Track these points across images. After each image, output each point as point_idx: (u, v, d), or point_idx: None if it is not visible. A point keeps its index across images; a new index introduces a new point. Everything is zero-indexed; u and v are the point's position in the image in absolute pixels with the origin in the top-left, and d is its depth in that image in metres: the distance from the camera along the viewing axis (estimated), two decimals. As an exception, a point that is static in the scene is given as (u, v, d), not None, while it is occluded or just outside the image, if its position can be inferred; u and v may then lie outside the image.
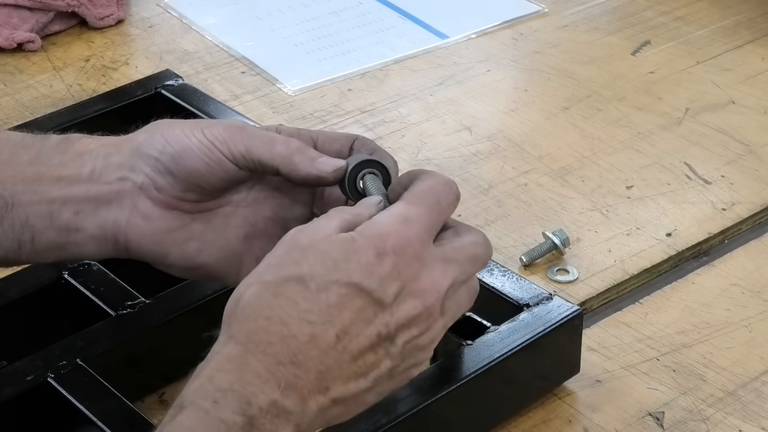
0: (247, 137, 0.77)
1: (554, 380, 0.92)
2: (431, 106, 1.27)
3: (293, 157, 0.76)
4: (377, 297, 0.68)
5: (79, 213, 0.78)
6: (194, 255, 0.79)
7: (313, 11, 1.45)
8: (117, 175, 0.78)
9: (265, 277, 0.68)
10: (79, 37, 1.40)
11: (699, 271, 1.05)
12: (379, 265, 0.68)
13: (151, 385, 0.93)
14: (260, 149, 0.76)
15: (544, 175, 1.16)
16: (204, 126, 0.78)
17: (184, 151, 0.77)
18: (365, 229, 0.69)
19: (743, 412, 0.91)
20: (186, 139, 0.77)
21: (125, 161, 0.78)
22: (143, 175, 0.78)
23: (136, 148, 0.78)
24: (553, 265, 1.04)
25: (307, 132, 0.80)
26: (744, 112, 1.25)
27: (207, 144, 0.77)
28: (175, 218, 0.79)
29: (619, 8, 1.43)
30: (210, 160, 0.77)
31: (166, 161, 0.77)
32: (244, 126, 0.78)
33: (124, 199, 0.78)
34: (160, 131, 0.79)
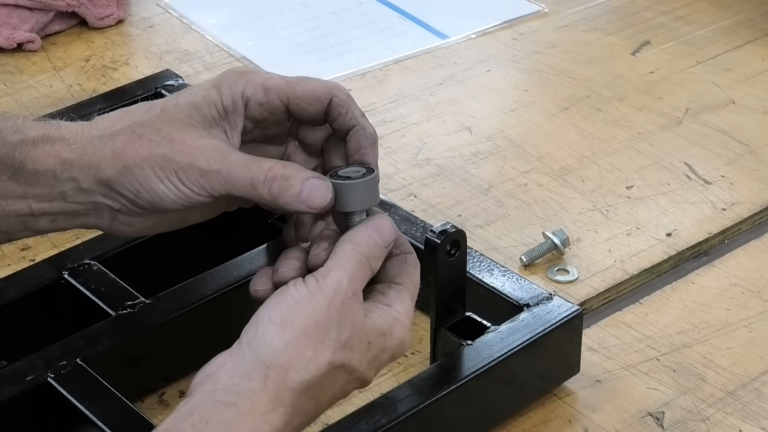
0: (225, 182, 0.74)
1: (554, 380, 0.92)
2: (431, 106, 1.27)
3: (277, 201, 0.74)
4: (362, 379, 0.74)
5: (55, 221, 0.77)
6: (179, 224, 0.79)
7: (313, 11, 1.45)
8: (89, 199, 0.76)
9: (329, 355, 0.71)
10: (79, 37, 1.40)
11: (699, 271, 1.05)
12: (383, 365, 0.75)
13: (151, 385, 0.93)
14: (242, 193, 0.74)
15: (544, 175, 1.16)
16: (177, 168, 0.74)
17: (161, 199, 0.74)
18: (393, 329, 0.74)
19: (743, 412, 0.91)
20: (161, 186, 0.74)
21: (94, 189, 0.75)
22: (119, 204, 0.76)
23: (105, 182, 0.75)
24: (553, 265, 1.04)
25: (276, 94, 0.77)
26: (744, 112, 1.25)
27: (185, 191, 0.74)
28: (157, 217, 0.77)
29: (619, 8, 1.43)
30: (189, 203, 0.75)
31: (143, 204, 0.75)
32: (219, 168, 0.74)
33: (103, 213, 0.77)
34: (129, 170, 0.74)
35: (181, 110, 0.76)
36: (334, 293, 0.71)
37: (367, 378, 0.74)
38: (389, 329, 0.74)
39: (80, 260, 0.95)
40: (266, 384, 0.69)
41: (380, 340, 0.73)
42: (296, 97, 0.77)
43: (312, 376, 0.70)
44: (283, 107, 0.77)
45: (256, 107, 0.77)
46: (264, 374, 0.69)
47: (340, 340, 0.71)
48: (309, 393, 0.70)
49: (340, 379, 0.72)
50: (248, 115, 0.77)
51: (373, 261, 0.74)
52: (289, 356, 0.69)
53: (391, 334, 0.74)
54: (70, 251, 0.97)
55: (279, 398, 0.69)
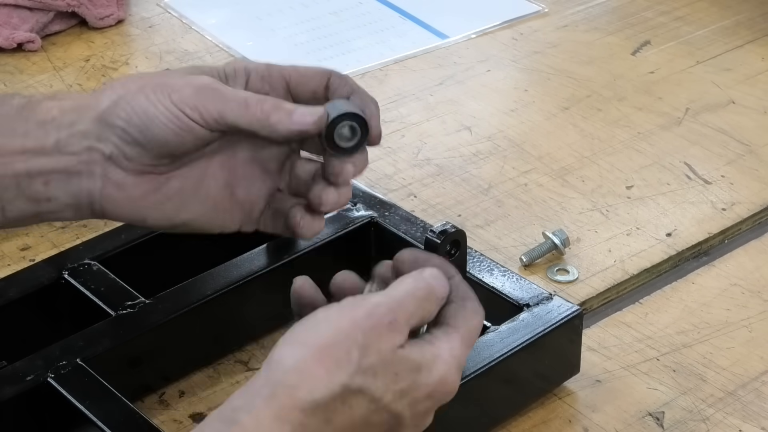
0: (219, 101, 0.73)
1: (554, 380, 0.92)
2: (431, 106, 1.27)
3: (269, 119, 0.73)
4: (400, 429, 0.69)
5: (48, 183, 0.75)
6: (173, 214, 0.77)
7: (313, 11, 1.45)
8: (83, 144, 0.75)
9: (345, 378, 0.66)
10: (79, 37, 1.40)
11: (699, 271, 1.05)
12: (421, 404, 0.69)
13: (151, 385, 0.93)
14: (234, 114, 0.73)
15: (544, 175, 1.16)
16: (171, 90, 0.73)
17: (152, 122, 0.73)
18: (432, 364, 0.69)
19: (743, 412, 0.91)
20: (152, 108, 0.73)
21: (90, 129, 0.75)
22: (111, 145, 0.74)
23: (99, 115, 0.75)
24: (553, 265, 1.04)
25: (279, 70, 0.78)
26: (744, 112, 1.25)
27: (176, 112, 0.73)
28: (149, 182, 0.76)
29: (619, 8, 1.43)
30: (180, 129, 0.73)
31: (133, 132, 0.74)
32: (214, 88, 0.74)
33: (95, 169, 0.75)
34: (124, 97, 0.74)
35: (183, 68, 0.79)
36: (366, 315, 0.68)
37: (399, 412, 0.68)
38: (426, 364, 0.69)
39: (80, 260, 0.95)
40: (271, 401, 0.66)
41: (413, 374, 0.68)
42: (298, 73, 0.77)
43: (322, 396, 0.66)
44: (284, 83, 0.77)
45: (258, 80, 0.77)
46: (271, 392, 0.66)
47: (361, 364, 0.66)
48: (319, 414, 0.66)
49: (359, 406, 0.67)
50: (249, 88, 0.77)
51: (428, 303, 0.70)
52: (298, 374, 0.66)
53: (428, 370, 0.69)
54: (70, 251, 0.97)
55: (285, 416, 0.65)
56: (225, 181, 0.78)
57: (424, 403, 0.69)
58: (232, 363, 0.96)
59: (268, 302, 0.97)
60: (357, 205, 1.00)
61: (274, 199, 0.80)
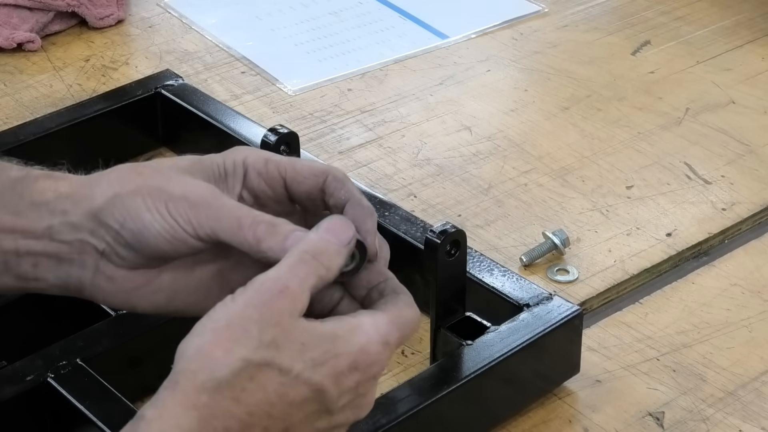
0: (213, 218, 0.72)
1: (554, 380, 0.92)
2: (431, 106, 1.27)
3: (260, 246, 0.71)
4: (330, 407, 0.69)
5: (37, 266, 0.74)
6: (165, 303, 0.76)
7: (313, 11, 1.45)
8: (76, 236, 0.74)
9: (245, 353, 0.66)
10: (79, 37, 1.40)
11: (699, 271, 1.05)
12: (347, 378, 0.69)
13: (151, 385, 0.92)
14: (227, 234, 0.72)
15: (544, 175, 1.16)
16: (167, 198, 0.72)
17: (146, 229, 0.72)
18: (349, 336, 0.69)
19: (743, 412, 0.91)
20: (148, 215, 0.72)
21: (83, 224, 0.74)
22: (104, 243, 0.73)
23: (94, 213, 0.73)
24: (553, 265, 1.04)
25: (276, 166, 0.76)
26: (744, 112, 1.25)
27: (171, 222, 0.72)
28: (141, 276, 0.75)
29: (619, 8, 1.43)
30: (173, 239, 0.72)
31: (126, 236, 0.73)
32: (209, 203, 0.72)
33: (86, 260, 0.74)
34: (120, 198, 0.73)
35: (184, 160, 0.76)
36: (255, 293, 0.67)
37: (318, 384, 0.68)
38: (343, 334, 0.69)
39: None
40: (175, 391, 0.66)
41: (326, 344, 0.68)
42: (294, 170, 0.75)
43: (223, 374, 0.65)
44: (281, 180, 0.76)
45: (255, 176, 0.75)
46: (174, 382, 0.66)
47: (261, 339, 0.66)
48: (225, 393, 0.65)
49: (269, 381, 0.66)
50: (247, 185, 0.76)
51: (324, 257, 0.69)
52: (198, 359, 0.66)
53: (345, 339, 0.68)
54: (70, 251, 0.97)
55: (188, 400, 0.65)
56: (218, 269, 0.76)
57: (349, 376, 0.69)
58: (232, 363, 0.96)
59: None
60: (357, 205, 1.00)
61: None
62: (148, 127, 1.18)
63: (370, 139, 1.22)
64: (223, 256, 0.75)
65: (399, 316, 0.72)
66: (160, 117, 1.18)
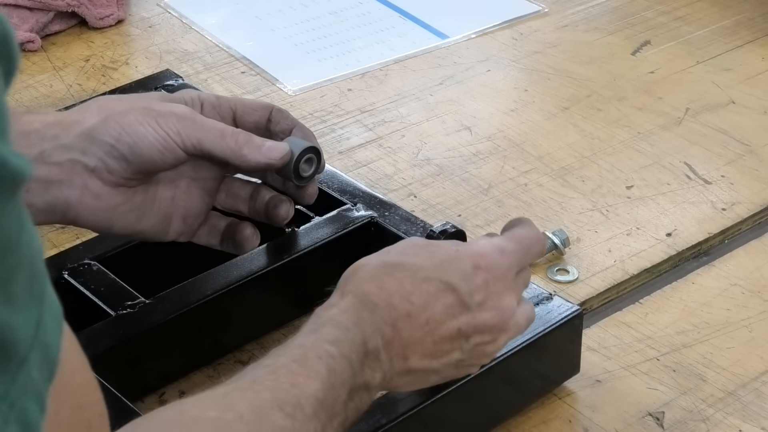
0: (199, 129, 0.83)
1: (554, 380, 0.92)
2: (431, 106, 1.27)
3: (242, 150, 0.84)
4: (464, 300, 0.78)
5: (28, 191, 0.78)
6: (135, 222, 0.86)
7: (313, 11, 1.45)
8: (67, 156, 0.82)
9: (386, 258, 0.78)
10: (79, 37, 1.40)
11: (699, 271, 1.05)
12: (473, 276, 0.78)
13: (151, 385, 0.93)
14: (211, 142, 0.83)
15: (544, 175, 1.16)
16: (156, 115, 0.83)
17: (141, 141, 0.82)
18: (467, 246, 0.81)
19: (743, 412, 0.91)
20: (141, 128, 0.82)
21: (75, 144, 0.82)
22: (96, 158, 0.82)
23: (87, 132, 0.82)
24: (553, 265, 1.04)
25: (227, 101, 0.89)
26: (744, 112, 1.25)
27: (162, 135, 0.82)
28: (121, 194, 0.84)
29: (619, 8, 1.43)
30: (164, 149, 0.82)
31: (121, 148, 0.82)
32: (194, 117, 0.84)
33: (75, 179, 0.82)
34: (113, 117, 0.82)
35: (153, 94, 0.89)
36: None
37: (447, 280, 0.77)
38: (463, 246, 0.81)
39: (80, 260, 0.95)
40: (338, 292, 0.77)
41: (449, 251, 0.79)
42: (243, 104, 0.89)
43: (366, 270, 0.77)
44: (231, 113, 0.88)
45: (210, 110, 0.87)
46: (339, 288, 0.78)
47: (393, 251, 0.79)
48: (373, 282, 0.76)
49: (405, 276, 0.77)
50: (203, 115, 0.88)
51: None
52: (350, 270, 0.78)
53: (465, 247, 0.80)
54: (70, 251, 0.97)
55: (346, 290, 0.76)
56: (172, 195, 0.87)
57: (474, 275, 0.78)
58: (232, 363, 0.96)
59: (267, 302, 0.97)
60: (357, 205, 1.00)
61: (210, 216, 0.90)
62: (148, 127, 1.18)
63: (370, 139, 1.22)
64: (175, 186, 0.87)
65: (513, 233, 0.82)
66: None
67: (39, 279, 0.47)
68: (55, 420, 0.50)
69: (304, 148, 0.87)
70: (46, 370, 0.47)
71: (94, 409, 0.54)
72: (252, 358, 0.96)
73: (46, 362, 0.47)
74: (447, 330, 0.77)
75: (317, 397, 0.69)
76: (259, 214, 0.91)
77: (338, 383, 0.71)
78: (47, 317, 0.48)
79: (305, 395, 0.69)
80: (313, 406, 0.68)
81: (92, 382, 0.54)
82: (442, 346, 0.77)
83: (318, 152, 0.88)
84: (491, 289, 0.79)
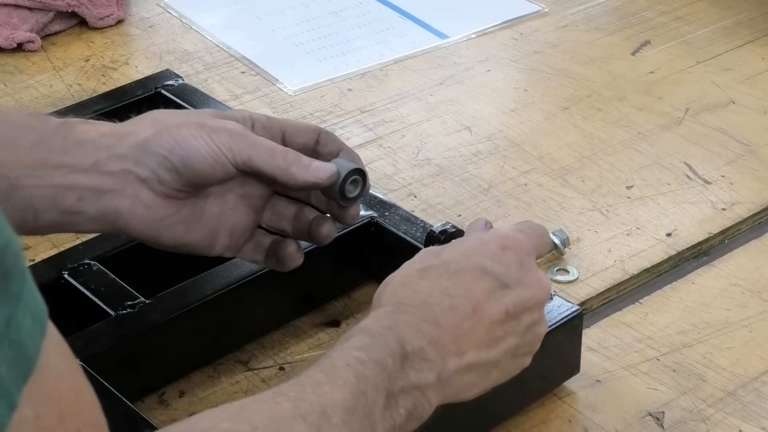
0: (250, 146, 0.84)
1: (554, 380, 0.92)
2: (431, 106, 1.27)
3: (290, 168, 0.84)
4: (503, 280, 0.79)
5: (81, 199, 0.82)
6: (182, 235, 0.86)
7: (313, 11, 1.45)
8: (120, 166, 0.83)
9: (413, 266, 0.80)
10: (79, 37, 1.40)
11: (699, 271, 1.05)
12: (504, 255, 0.80)
13: (151, 385, 0.93)
14: (261, 159, 0.84)
15: (544, 175, 1.16)
16: (210, 130, 0.84)
17: (193, 154, 0.83)
18: (489, 232, 0.82)
19: (743, 412, 0.91)
20: (194, 141, 0.83)
21: (128, 154, 0.83)
22: (148, 169, 0.83)
23: (141, 143, 0.83)
24: (553, 265, 1.04)
25: (277, 122, 0.89)
26: (744, 112, 1.25)
27: (215, 149, 0.83)
28: (171, 205, 0.84)
29: (619, 8, 1.43)
30: (216, 163, 0.83)
31: (174, 161, 0.83)
32: (246, 134, 0.85)
33: (127, 189, 0.83)
34: (167, 130, 0.84)
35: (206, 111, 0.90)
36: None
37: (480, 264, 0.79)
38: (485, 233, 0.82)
39: (80, 260, 0.95)
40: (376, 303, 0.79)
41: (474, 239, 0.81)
42: (293, 126, 0.90)
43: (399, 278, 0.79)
44: (281, 134, 0.89)
45: (261, 129, 0.88)
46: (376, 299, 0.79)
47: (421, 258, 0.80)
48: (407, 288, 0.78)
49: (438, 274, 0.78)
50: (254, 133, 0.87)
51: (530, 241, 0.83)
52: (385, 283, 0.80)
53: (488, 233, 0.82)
54: (70, 251, 0.97)
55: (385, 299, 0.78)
56: (220, 211, 0.87)
57: (504, 254, 0.80)
58: (232, 363, 0.96)
59: (268, 302, 0.97)
60: (357, 205, 1.00)
61: (256, 233, 0.90)
62: (148, 127, 1.18)
63: (370, 139, 1.22)
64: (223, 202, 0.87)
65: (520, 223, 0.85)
66: (160, 117, 1.18)
67: (15, 278, 0.47)
68: (36, 425, 0.49)
69: (351, 169, 0.87)
70: (17, 369, 0.47)
71: (85, 419, 0.53)
72: (252, 358, 0.96)
73: (18, 361, 0.47)
74: (496, 314, 0.78)
75: (345, 405, 0.68)
76: (302, 233, 0.91)
77: (370, 389, 0.70)
78: (23, 316, 0.47)
79: (331, 404, 0.68)
80: (340, 415, 0.68)
81: (84, 389, 0.53)
82: (495, 333, 0.78)
83: (364, 174, 0.88)
84: (525, 264, 0.80)
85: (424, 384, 0.74)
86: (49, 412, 0.50)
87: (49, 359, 0.49)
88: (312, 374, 0.70)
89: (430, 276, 0.78)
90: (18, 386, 0.47)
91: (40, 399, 0.49)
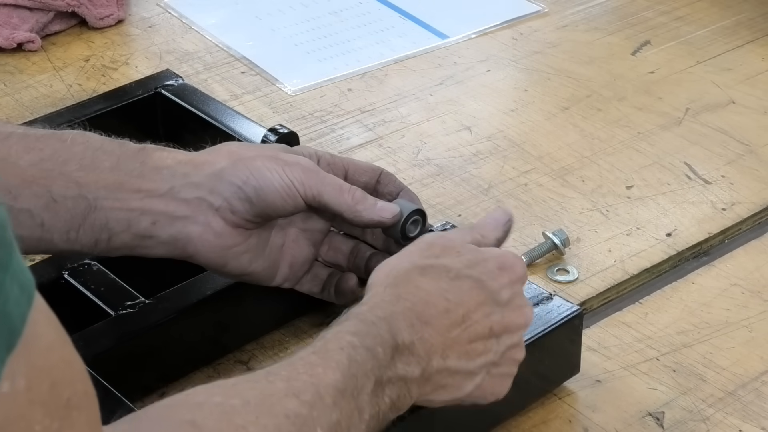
0: (320, 182, 0.88)
1: (554, 380, 0.92)
2: (431, 106, 1.27)
3: (357, 206, 0.88)
4: (495, 298, 0.81)
5: (155, 223, 0.85)
6: (247, 264, 0.89)
7: (313, 11, 1.45)
8: (195, 194, 0.86)
9: (415, 259, 0.81)
10: (79, 37, 1.40)
11: (699, 271, 1.05)
12: (500, 275, 0.82)
13: (151, 385, 0.93)
14: (330, 196, 0.88)
15: (544, 175, 1.16)
16: (283, 164, 0.87)
17: (267, 186, 0.86)
18: (489, 249, 0.85)
19: (743, 412, 0.91)
20: (269, 174, 0.86)
21: (204, 183, 0.86)
22: (222, 198, 0.86)
23: (217, 173, 0.86)
24: (553, 265, 1.04)
25: (340, 160, 0.93)
26: (744, 112, 1.25)
27: (288, 182, 0.87)
28: (239, 235, 0.87)
29: (619, 8, 1.43)
30: (287, 196, 0.87)
31: (248, 191, 0.86)
32: (317, 170, 0.88)
33: (199, 216, 0.86)
34: (242, 161, 0.87)
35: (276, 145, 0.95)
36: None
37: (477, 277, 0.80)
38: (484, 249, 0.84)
39: (80, 260, 0.95)
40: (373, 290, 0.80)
41: (475, 252, 0.83)
42: (355, 165, 0.94)
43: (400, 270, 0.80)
44: (344, 172, 0.93)
45: (325, 166, 0.91)
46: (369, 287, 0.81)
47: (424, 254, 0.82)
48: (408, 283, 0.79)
49: (438, 275, 0.80)
50: None
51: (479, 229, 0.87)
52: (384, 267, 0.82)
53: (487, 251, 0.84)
54: (70, 251, 0.97)
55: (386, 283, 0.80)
56: (282, 243, 0.91)
57: (500, 274, 0.82)
58: (232, 363, 0.96)
59: (268, 302, 0.97)
60: (357, 205, 1.00)
61: (314, 266, 0.94)
62: (148, 127, 1.18)
63: (370, 139, 1.22)
64: (285, 234, 0.91)
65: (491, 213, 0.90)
66: (160, 117, 1.18)
67: (3, 247, 0.48)
68: (27, 397, 0.50)
69: (412, 210, 0.91)
70: (2, 338, 0.48)
71: (75, 388, 0.54)
72: (252, 358, 0.96)
73: (2, 331, 0.48)
74: (481, 328, 0.80)
75: (337, 387, 0.70)
76: (358, 269, 0.94)
77: (360, 374, 0.72)
78: (10, 285, 0.48)
79: (324, 384, 0.70)
80: (332, 396, 0.70)
81: (73, 359, 0.54)
82: (475, 346, 0.80)
83: (424, 215, 0.93)
84: (516, 289, 0.82)
85: (409, 377, 0.76)
86: (40, 382, 0.51)
87: (38, 329, 0.50)
88: (304, 356, 0.72)
89: (430, 275, 0.80)
90: (1, 356, 0.48)
91: (31, 369, 0.50)
